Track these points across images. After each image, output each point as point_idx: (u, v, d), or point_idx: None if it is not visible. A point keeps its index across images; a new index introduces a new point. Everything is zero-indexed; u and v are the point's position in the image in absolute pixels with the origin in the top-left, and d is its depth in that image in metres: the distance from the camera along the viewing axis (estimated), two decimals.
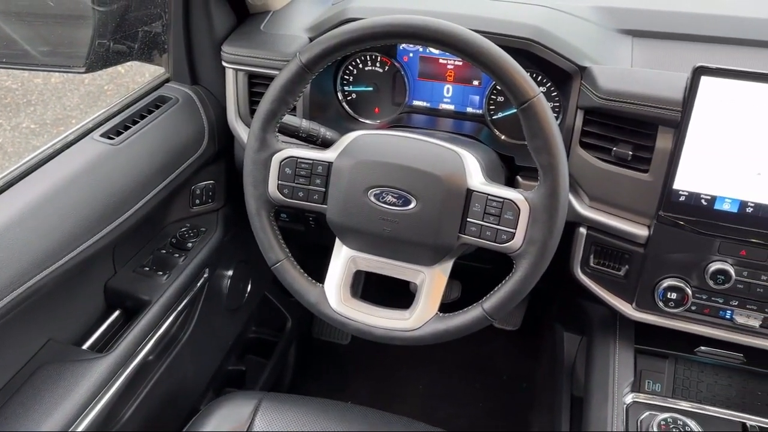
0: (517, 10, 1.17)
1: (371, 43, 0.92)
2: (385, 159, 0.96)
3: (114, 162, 1.11)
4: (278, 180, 1.00)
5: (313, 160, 0.99)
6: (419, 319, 0.99)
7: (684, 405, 1.08)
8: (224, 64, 1.29)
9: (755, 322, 1.05)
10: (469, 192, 0.94)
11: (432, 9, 1.17)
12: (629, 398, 1.09)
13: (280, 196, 1.00)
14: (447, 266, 1.00)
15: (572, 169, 1.10)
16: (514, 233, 0.92)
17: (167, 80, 1.35)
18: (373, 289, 1.93)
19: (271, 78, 0.99)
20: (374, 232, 0.97)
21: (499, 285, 0.95)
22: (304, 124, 1.07)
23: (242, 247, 1.47)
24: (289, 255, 1.03)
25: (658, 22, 1.20)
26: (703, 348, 1.18)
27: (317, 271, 1.10)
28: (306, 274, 1.03)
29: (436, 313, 0.99)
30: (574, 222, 1.13)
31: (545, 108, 0.87)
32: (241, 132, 1.31)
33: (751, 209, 0.99)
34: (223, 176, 1.42)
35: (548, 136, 0.87)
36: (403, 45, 1.25)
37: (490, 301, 0.95)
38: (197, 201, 1.39)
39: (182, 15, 1.27)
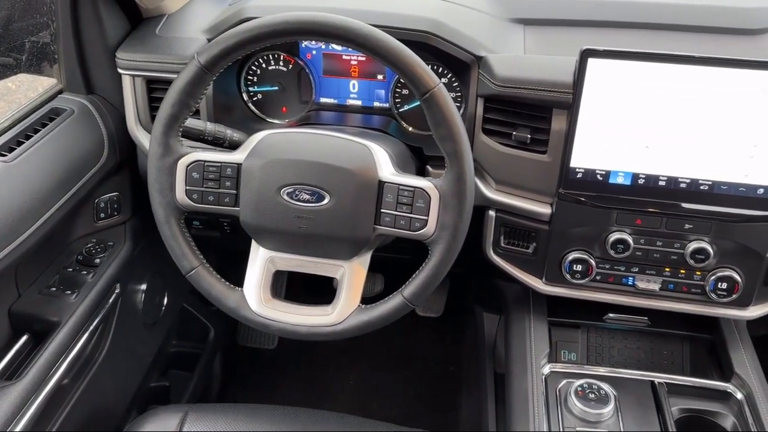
0: (414, 3, 1.20)
1: (271, 41, 0.91)
2: (295, 156, 0.96)
3: (8, 180, 1.05)
4: (186, 185, 0.97)
5: (221, 162, 0.97)
6: (342, 313, 0.99)
7: (598, 370, 1.15)
8: (120, 70, 1.24)
9: (655, 286, 1.13)
10: (381, 183, 0.95)
11: (330, 5, 1.18)
12: (547, 369, 1.14)
13: (189, 201, 0.98)
14: (365, 259, 1.02)
15: (477, 155, 1.15)
16: (427, 220, 0.94)
17: (60, 91, 1.29)
18: (300, 287, 1.93)
19: (170, 82, 0.97)
20: (290, 231, 0.97)
21: (417, 272, 0.97)
22: (210, 126, 1.05)
23: (154, 258, 1.43)
24: (204, 261, 1.01)
25: (546, 10, 1.26)
26: (611, 315, 1.26)
27: (237, 276, 1.09)
28: (223, 280, 1.02)
29: (359, 306, 1.00)
30: (483, 206, 1.18)
31: (446, 97, 0.90)
32: (143, 139, 1.27)
33: (643, 180, 1.06)
34: (128, 187, 1.37)
35: (451, 125, 0.90)
36: (306, 42, 1.25)
37: (409, 288, 0.97)
38: (102, 214, 1.33)
39: (71, 22, 1.21)
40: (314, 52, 1.25)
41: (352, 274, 1.01)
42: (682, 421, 1.07)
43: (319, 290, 1.10)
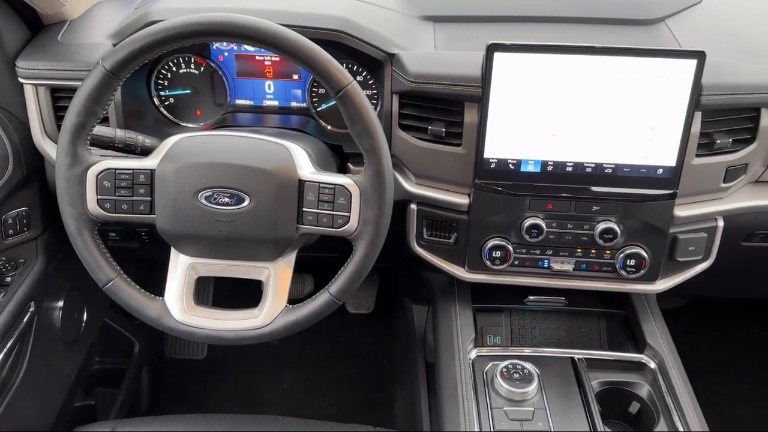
0: (324, 2, 1.21)
1: (178, 43, 0.90)
2: (211, 159, 0.95)
3: None
4: (97, 195, 0.94)
5: (133, 169, 0.95)
6: (269, 314, 0.99)
7: (521, 351, 1.19)
8: (21, 80, 1.18)
9: (569, 267, 1.19)
10: (301, 182, 0.96)
11: (240, 6, 1.17)
12: (473, 354, 1.18)
13: (102, 211, 0.95)
14: (290, 259, 1.02)
15: (395, 151, 1.17)
16: (349, 216, 0.95)
17: None
18: (229, 293, 1.90)
19: (75, 90, 0.93)
20: (210, 235, 0.95)
21: (342, 268, 0.98)
22: (119, 133, 1.02)
23: (70, 273, 1.37)
24: (122, 272, 0.98)
25: (454, 7, 1.30)
26: (531, 297, 1.31)
27: (160, 287, 1.06)
28: (143, 290, 0.99)
29: (286, 306, 1.00)
30: (404, 200, 1.20)
31: (360, 94, 0.91)
32: (50, 151, 1.21)
33: (551, 167, 1.11)
34: (38, 201, 1.31)
35: (367, 121, 0.92)
36: (217, 44, 1.24)
37: (336, 285, 0.98)
38: (11, 231, 1.27)
39: None
40: (226, 53, 1.24)
41: (277, 275, 1.01)
42: (602, 393, 1.13)
43: (250, 294, 1.09)
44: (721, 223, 1.18)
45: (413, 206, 1.20)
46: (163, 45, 0.89)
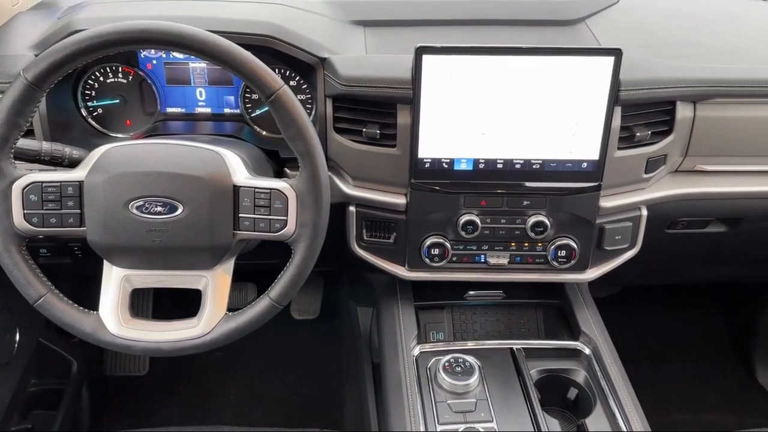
0: (253, 9, 1.21)
1: (103, 52, 0.88)
2: (141, 168, 0.93)
3: None
4: (24, 209, 0.92)
5: (60, 181, 0.92)
6: (209, 323, 0.98)
7: (463, 345, 1.22)
8: None
9: (504, 261, 1.22)
10: (236, 188, 0.96)
11: (167, 14, 1.16)
12: (416, 350, 1.20)
13: (30, 226, 0.92)
14: (229, 266, 1.01)
15: (332, 154, 1.18)
16: (286, 220, 0.96)
17: None
18: (170, 304, 1.86)
19: None
20: (144, 246, 0.94)
21: (282, 272, 0.98)
22: (45, 145, 1.00)
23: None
24: (53, 288, 0.96)
25: (384, 12, 1.32)
26: (471, 292, 1.34)
27: (98, 302, 1.03)
28: (76, 305, 0.97)
29: (226, 314, 0.99)
30: (343, 202, 1.21)
31: (292, 98, 0.92)
32: None
33: (483, 165, 1.14)
34: None
35: (299, 124, 0.92)
36: (145, 53, 1.22)
37: (276, 290, 0.98)
38: None
39: None
40: (155, 61, 1.22)
41: (216, 283, 1.00)
42: (541, 381, 1.17)
43: (195, 304, 1.07)
44: (644, 212, 1.24)
45: (352, 208, 1.22)
46: (88, 54, 0.88)
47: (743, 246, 1.48)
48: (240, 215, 0.96)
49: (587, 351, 1.21)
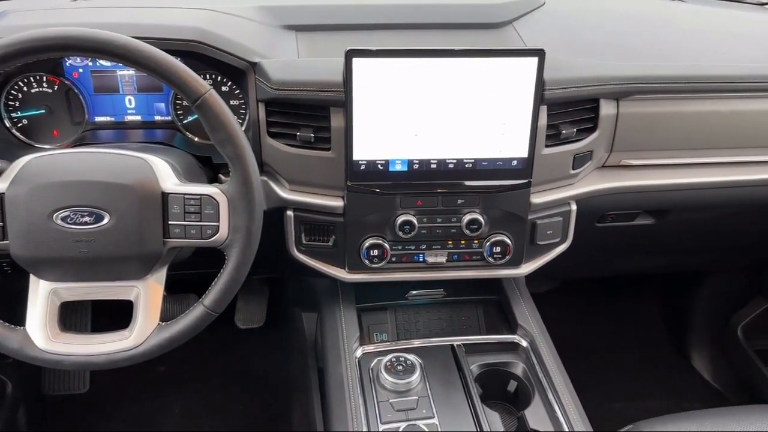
0: (181, 14, 1.20)
1: (22, 59, 0.86)
2: (65, 178, 0.91)
3: None
4: None
5: None
6: (141, 334, 0.97)
7: (405, 344, 1.23)
8: None
9: (442, 259, 1.24)
10: (165, 195, 0.94)
11: (92, 21, 1.14)
12: (359, 352, 1.20)
13: None
14: (161, 275, 1.00)
15: (267, 159, 1.18)
16: (218, 226, 0.95)
17: None
18: (108, 315, 1.81)
19: None
20: (70, 257, 0.92)
21: (216, 279, 0.97)
22: None
23: None
24: None
25: (315, 16, 1.32)
26: (412, 292, 1.36)
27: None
28: (1, 320, 0.93)
29: (159, 324, 0.98)
30: (281, 207, 1.21)
31: (218, 102, 0.91)
32: None
33: (417, 165, 1.16)
34: None
35: (228, 128, 0.92)
36: (71, 61, 1.19)
37: (210, 297, 0.97)
38: None
39: None
40: (81, 70, 1.19)
41: (148, 293, 0.98)
42: (481, 376, 1.19)
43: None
44: (574, 207, 1.28)
45: (290, 212, 1.21)
46: (4, 63, 0.85)
47: (671, 237, 1.55)
48: (170, 222, 0.94)
49: (524, 344, 1.24)
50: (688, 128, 1.28)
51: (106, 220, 0.91)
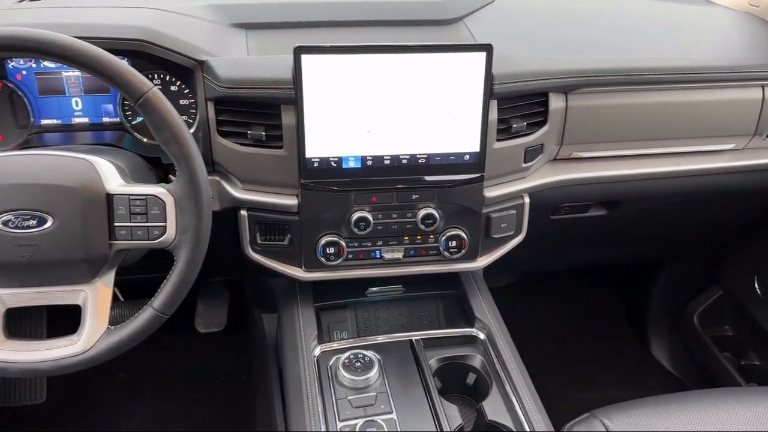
0: (125, 14, 1.18)
1: None
2: (5, 182, 0.89)
3: None
4: None
5: None
6: (89, 339, 0.95)
7: (363, 341, 1.23)
8: None
9: (399, 255, 1.25)
10: (110, 196, 0.93)
11: (33, 21, 1.11)
12: (317, 351, 1.20)
13: None
14: (109, 278, 0.98)
15: (218, 158, 1.17)
16: (166, 226, 0.94)
17: None
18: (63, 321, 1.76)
19: None
20: (12, 262, 0.89)
21: (165, 281, 0.96)
22: None
23: None
24: None
25: (265, 14, 1.32)
26: (371, 289, 1.36)
27: None
28: None
29: (108, 328, 0.96)
30: (234, 207, 1.20)
31: (162, 100, 0.90)
32: None
33: (371, 162, 1.16)
34: None
35: (172, 127, 0.91)
36: (13, 63, 1.16)
37: (159, 299, 0.96)
38: None
39: None
40: (24, 72, 1.17)
41: (96, 297, 0.96)
42: (440, 369, 1.20)
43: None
44: (527, 200, 1.30)
45: (243, 212, 1.20)
46: None
47: (623, 227, 1.58)
48: (115, 224, 0.93)
49: (482, 336, 1.25)
50: (635, 120, 1.31)
51: (49, 224, 0.89)
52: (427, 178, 1.18)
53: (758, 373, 1.86)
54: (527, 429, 1.06)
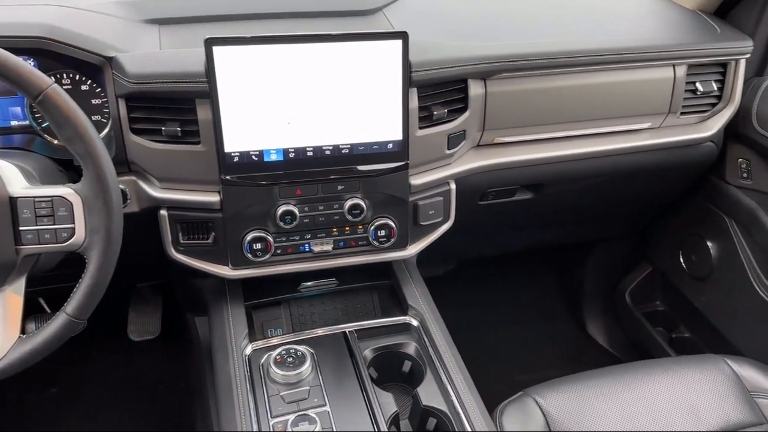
0: (27, 11, 1.13)
1: None
2: None
3: None
4: None
5: None
6: (1, 348, 0.90)
7: (296, 336, 1.22)
8: None
9: (328, 247, 1.24)
10: (13, 200, 0.88)
11: None
12: (249, 349, 1.17)
13: None
14: (19, 285, 0.93)
15: (133, 157, 1.13)
16: (74, 228, 0.90)
17: None
18: None
19: None
20: None
21: (77, 285, 0.92)
22: None
23: None
24: None
25: (178, 9, 1.28)
26: (305, 283, 1.34)
27: None
28: None
29: (19, 336, 0.92)
30: (154, 206, 1.16)
31: (63, 97, 0.87)
32: None
33: (293, 154, 1.15)
34: None
35: (75, 124, 0.87)
36: None
37: (72, 304, 0.92)
38: None
39: None
40: None
41: (5, 305, 0.92)
42: (376, 359, 1.20)
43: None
44: (453, 186, 1.31)
45: (163, 212, 1.17)
46: None
47: (551, 210, 1.62)
48: (21, 228, 0.89)
49: (415, 323, 1.26)
50: (553, 103, 1.34)
51: None
52: (352, 168, 1.17)
53: (688, 344, 1.93)
54: (460, 411, 1.07)
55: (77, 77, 1.16)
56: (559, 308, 2.27)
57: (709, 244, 1.75)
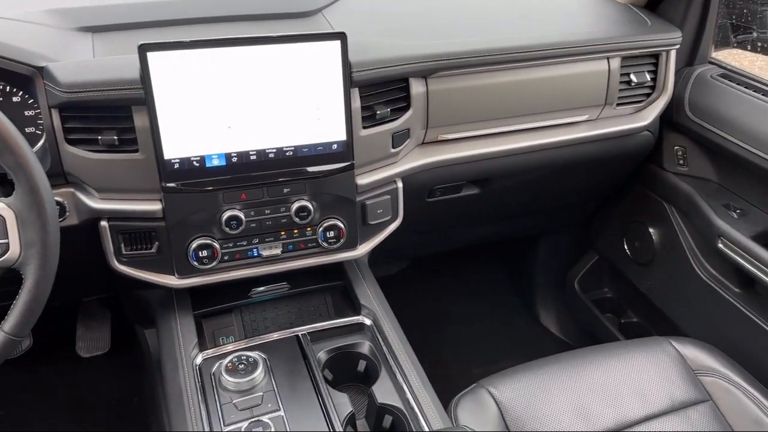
0: None
1: None
2: None
3: None
4: None
5: None
6: None
7: (248, 343, 1.20)
8: None
9: (277, 251, 1.23)
10: None
11: None
12: (199, 359, 1.15)
13: None
14: None
15: (69, 168, 1.10)
16: (8, 243, 0.87)
17: None
18: None
19: None
20: None
21: (14, 302, 0.89)
22: None
23: None
24: None
25: (111, 16, 1.26)
26: (256, 289, 1.33)
27: None
28: None
29: None
30: (94, 218, 1.14)
31: None
32: None
33: (236, 158, 1.13)
34: None
35: (4, 136, 0.84)
36: None
37: (9, 321, 0.89)
38: None
39: None
40: None
41: None
42: (331, 360, 1.19)
43: None
44: (400, 185, 1.32)
45: (104, 223, 1.14)
46: None
47: (498, 204, 1.65)
48: None
49: (368, 322, 1.26)
50: (493, 99, 1.37)
51: None
52: (297, 170, 1.17)
53: (637, 328, 1.99)
54: (415, 407, 1.08)
55: (8, 89, 1.12)
56: (513, 300, 2.31)
57: (651, 230, 1.80)
